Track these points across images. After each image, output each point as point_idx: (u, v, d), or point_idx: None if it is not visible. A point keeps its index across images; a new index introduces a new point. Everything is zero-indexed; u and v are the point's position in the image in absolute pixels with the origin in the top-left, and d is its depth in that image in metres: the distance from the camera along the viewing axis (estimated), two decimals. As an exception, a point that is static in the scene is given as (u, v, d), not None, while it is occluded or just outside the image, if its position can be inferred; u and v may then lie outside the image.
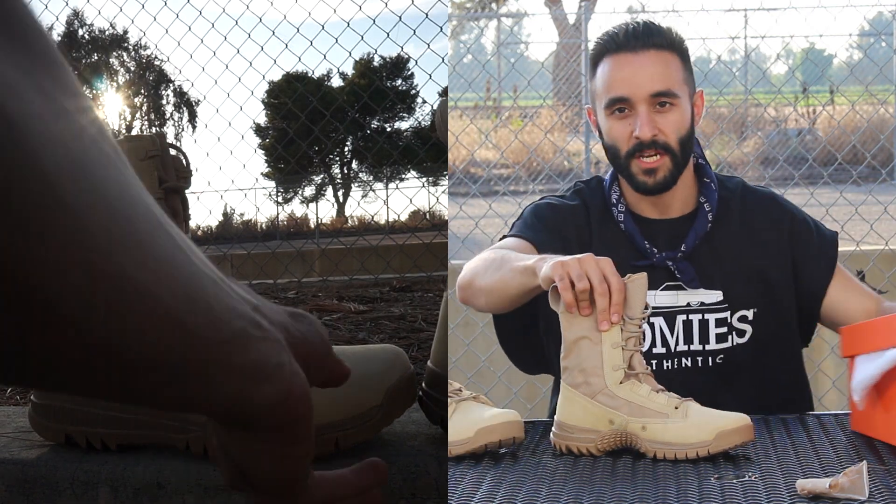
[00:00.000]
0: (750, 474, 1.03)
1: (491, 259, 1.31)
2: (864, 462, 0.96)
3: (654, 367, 1.37)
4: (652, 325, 1.38)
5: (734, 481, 1.00)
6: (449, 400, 1.17)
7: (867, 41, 8.09)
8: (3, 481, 1.08)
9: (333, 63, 5.05)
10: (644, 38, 1.36)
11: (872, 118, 5.17)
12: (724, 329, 1.38)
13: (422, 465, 1.01)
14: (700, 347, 1.38)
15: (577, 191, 1.47)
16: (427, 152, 6.91)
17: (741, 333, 1.38)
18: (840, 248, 1.42)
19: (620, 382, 1.11)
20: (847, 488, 0.93)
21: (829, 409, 1.42)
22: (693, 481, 1.01)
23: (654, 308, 1.37)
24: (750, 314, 1.38)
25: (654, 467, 1.07)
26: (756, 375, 1.37)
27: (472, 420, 1.15)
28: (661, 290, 1.37)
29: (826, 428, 1.21)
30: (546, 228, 1.40)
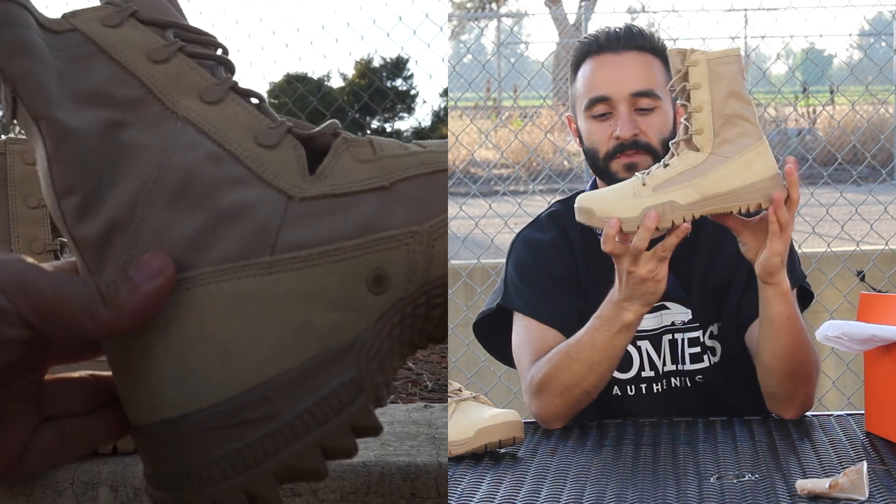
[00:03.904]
0: (750, 474, 1.03)
1: (544, 381, 1.28)
2: (864, 462, 0.96)
3: (644, 391, 1.36)
4: (639, 349, 1.36)
5: (734, 481, 1.00)
6: (449, 400, 1.17)
7: (867, 41, 8.08)
8: (3, 481, 1.08)
9: (333, 63, 5.05)
10: (626, 39, 1.35)
11: (872, 118, 5.16)
12: (698, 349, 1.35)
13: (422, 465, 1.01)
14: (691, 368, 1.36)
15: (553, 215, 1.44)
16: (427, 152, 6.88)
17: (714, 352, 1.36)
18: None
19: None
20: (847, 488, 0.93)
21: (829, 410, 1.42)
22: (693, 481, 1.01)
23: (640, 331, 1.35)
24: (716, 329, 1.36)
25: (655, 467, 1.08)
26: (742, 388, 1.34)
27: (472, 420, 1.15)
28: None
29: (826, 428, 1.21)
30: (539, 288, 1.37)
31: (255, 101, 0.63)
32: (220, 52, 0.65)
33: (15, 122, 0.60)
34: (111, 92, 0.60)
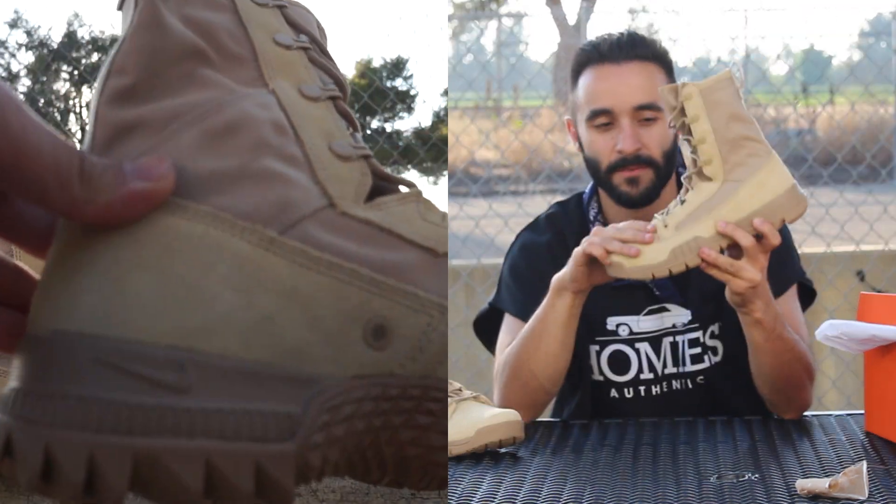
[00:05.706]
0: (750, 474, 1.03)
1: (505, 361, 1.31)
2: (864, 462, 0.96)
3: (643, 393, 1.36)
4: (637, 351, 1.36)
5: (734, 481, 1.00)
6: (449, 400, 1.17)
7: (867, 41, 8.09)
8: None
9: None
10: (628, 49, 1.33)
11: (872, 118, 5.15)
12: (699, 349, 1.36)
13: (422, 465, 1.01)
14: (692, 368, 1.36)
15: (551, 217, 1.44)
16: (427, 152, 6.91)
17: (715, 351, 1.36)
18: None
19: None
20: (847, 488, 0.93)
21: (829, 410, 1.42)
22: (693, 481, 1.01)
23: (639, 333, 1.36)
24: (717, 328, 1.36)
25: (655, 467, 1.08)
26: (742, 388, 1.34)
27: (472, 420, 1.15)
28: (645, 314, 1.36)
29: (826, 428, 1.21)
30: (530, 290, 1.37)
31: (349, 128, 0.56)
32: (335, 86, 0.59)
33: None
34: (219, 36, 0.55)
